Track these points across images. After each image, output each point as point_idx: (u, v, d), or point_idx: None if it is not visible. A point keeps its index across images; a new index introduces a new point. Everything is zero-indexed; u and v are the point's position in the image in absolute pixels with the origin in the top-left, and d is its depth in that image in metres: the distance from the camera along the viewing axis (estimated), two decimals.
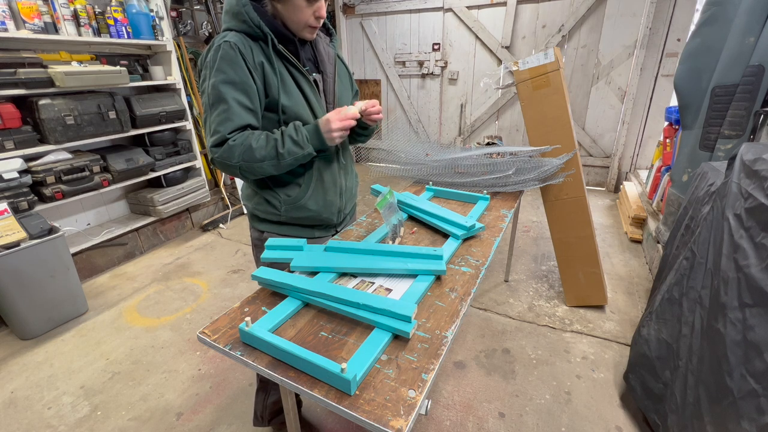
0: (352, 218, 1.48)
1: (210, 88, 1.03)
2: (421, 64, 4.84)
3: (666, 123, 3.05)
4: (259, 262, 1.32)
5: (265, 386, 1.42)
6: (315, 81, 1.18)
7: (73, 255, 2.46)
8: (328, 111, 1.21)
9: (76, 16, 2.49)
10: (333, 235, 1.38)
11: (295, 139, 1.06)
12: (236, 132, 1.04)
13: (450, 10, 4.46)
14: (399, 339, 0.85)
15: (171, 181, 3.23)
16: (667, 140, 2.94)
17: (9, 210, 2.08)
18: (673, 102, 3.52)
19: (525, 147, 1.98)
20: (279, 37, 1.08)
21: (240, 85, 1.02)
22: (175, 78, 3.16)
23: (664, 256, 1.74)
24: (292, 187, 1.19)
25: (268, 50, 1.06)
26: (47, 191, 2.42)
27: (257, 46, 1.05)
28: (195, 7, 3.60)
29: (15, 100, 2.33)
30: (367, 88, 5.39)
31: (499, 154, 1.97)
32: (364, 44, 5.17)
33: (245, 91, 1.03)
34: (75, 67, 2.47)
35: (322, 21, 1.08)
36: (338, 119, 1.09)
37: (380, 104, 5.28)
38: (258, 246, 1.30)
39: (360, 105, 1.15)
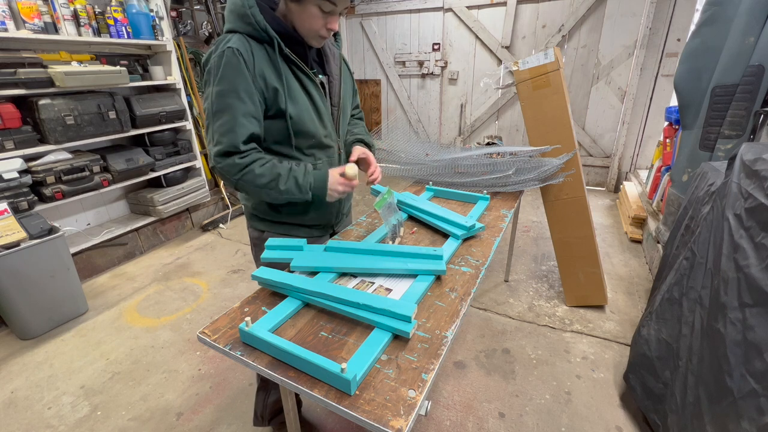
0: (348, 218, 1.49)
1: (214, 96, 1.02)
2: (421, 64, 4.84)
3: (666, 123, 3.04)
4: (259, 262, 1.32)
5: (265, 386, 1.42)
6: (322, 83, 1.17)
7: (73, 255, 2.46)
8: (333, 114, 1.21)
9: (76, 16, 2.49)
10: (331, 235, 1.38)
11: (300, 182, 1.07)
12: (244, 144, 1.03)
13: (450, 10, 4.46)
14: (399, 339, 0.85)
15: (171, 181, 3.23)
16: (667, 140, 2.94)
17: (9, 210, 2.08)
18: (673, 102, 3.52)
19: (525, 147, 1.98)
20: (287, 39, 1.05)
21: (243, 93, 1.01)
22: (175, 78, 3.16)
23: (664, 256, 1.74)
24: None
25: (273, 54, 1.04)
26: (47, 191, 2.42)
27: (261, 50, 1.03)
28: (195, 7, 3.60)
29: (15, 100, 2.33)
30: (367, 88, 5.39)
31: (499, 154, 1.97)
32: (364, 44, 5.17)
33: (248, 99, 1.02)
34: (75, 67, 2.47)
35: (332, 33, 1.07)
36: (343, 182, 1.12)
37: (380, 104, 5.24)
38: (258, 245, 1.29)
39: (352, 166, 1.17)
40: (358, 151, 1.24)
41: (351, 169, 1.14)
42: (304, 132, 1.11)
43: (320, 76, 1.17)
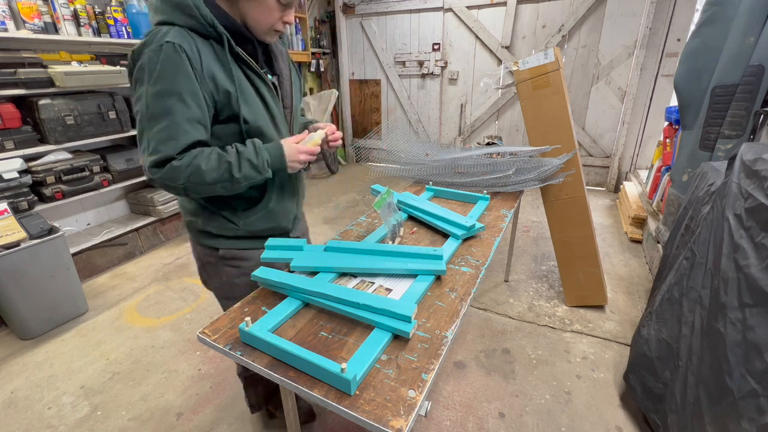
0: (303, 222, 1.39)
1: (149, 97, 0.87)
2: (421, 64, 4.83)
3: (666, 123, 3.05)
4: (210, 285, 1.25)
5: (251, 382, 1.42)
6: (273, 84, 1.07)
7: (73, 255, 2.45)
8: (285, 116, 1.13)
9: (76, 16, 2.49)
10: None
11: (255, 163, 0.95)
12: (182, 153, 0.91)
13: (450, 10, 4.46)
14: (399, 339, 0.85)
15: None
16: (667, 140, 2.94)
17: (9, 210, 2.08)
18: (673, 102, 3.52)
19: (525, 147, 1.98)
20: (235, 36, 0.95)
21: (187, 95, 0.88)
22: None
23: (664, 256, 1.74)
24: (252, 200, 1.09)
25: (222, 53, 0.93)
26: (47, 191, 2.42)
27: (207, 46, 0.91)
28: None
29: (15, 100, 2.33)
30: (367, 88, 5.39)
31: (499, 154, 1.97)
32: (364, 44, 5.16)
33: (193, 102, 0.89)
34: (75, 67, 2.47)
35: (288, 27, 1.00)
36: (305, 150, 1.02)
37: (380, 104, 5.23)
38: (212, 265, 1.15)
39: (321, 133, 1.09)
40: (320, 124, 1.20)
41: (318, 137, 1.03)
42: (259, 137, 1.01)
43: (270, 76, 1.07)
